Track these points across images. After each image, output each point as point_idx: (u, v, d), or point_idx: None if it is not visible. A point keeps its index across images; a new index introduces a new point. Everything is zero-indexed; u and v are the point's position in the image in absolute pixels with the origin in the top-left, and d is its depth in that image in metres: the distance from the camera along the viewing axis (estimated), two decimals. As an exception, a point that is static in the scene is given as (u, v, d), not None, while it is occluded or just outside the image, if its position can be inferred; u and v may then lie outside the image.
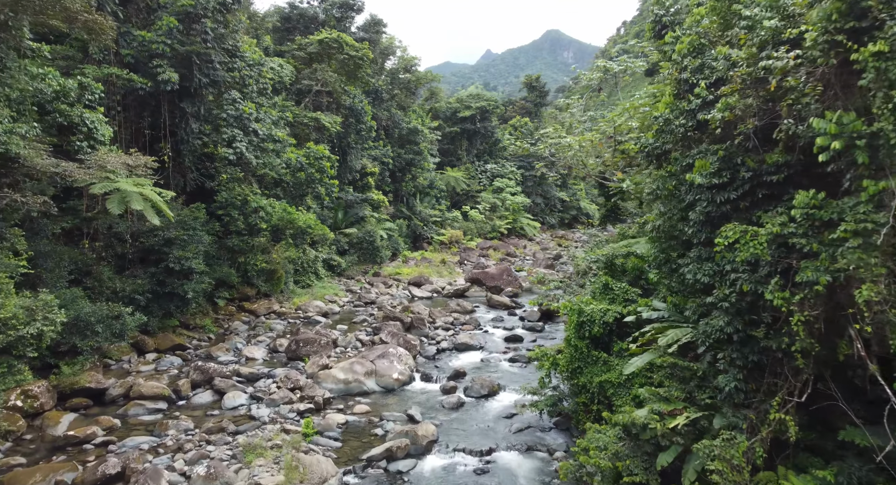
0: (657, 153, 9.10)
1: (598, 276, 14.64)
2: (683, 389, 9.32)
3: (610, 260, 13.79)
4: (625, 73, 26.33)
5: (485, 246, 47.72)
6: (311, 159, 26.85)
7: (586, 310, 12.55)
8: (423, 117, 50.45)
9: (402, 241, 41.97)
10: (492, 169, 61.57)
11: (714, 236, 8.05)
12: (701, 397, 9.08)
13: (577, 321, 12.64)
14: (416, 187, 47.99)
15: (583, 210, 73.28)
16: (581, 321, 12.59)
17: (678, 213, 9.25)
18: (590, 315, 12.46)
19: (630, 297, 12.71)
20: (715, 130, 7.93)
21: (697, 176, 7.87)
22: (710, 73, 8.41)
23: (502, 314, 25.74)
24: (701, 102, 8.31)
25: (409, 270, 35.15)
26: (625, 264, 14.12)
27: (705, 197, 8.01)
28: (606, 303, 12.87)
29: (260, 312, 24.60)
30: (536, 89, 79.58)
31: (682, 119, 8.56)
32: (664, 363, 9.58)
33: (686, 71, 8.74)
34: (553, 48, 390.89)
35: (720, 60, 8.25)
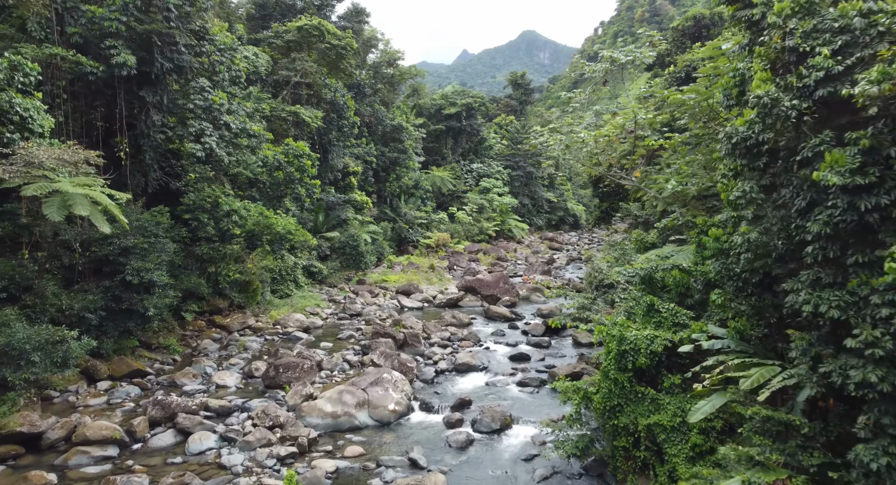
0: (753, 145, 7.01)
1: (632, 291, 12.61)
2: (782, 449, 7.28)
3: (649, 275, 11.73)
4: (632, 63, 24.43)
5: (473, 249, 45.63)
6: (291, 157, 24.43)
7: (629, 337, 10.47)
8: (407, 114, 48.15)
9: (387, 245, 39.63)
10: (478, 169, 59.53)
11: (846, 255, 6.03)
12: (808, 461, 7.05)
13: (617, 350, 10.55)
14: (400, 188, 45.69)
15: (570, 211, 71.75)
16: (622, 350, 10.49)
17: (778, 222, 7.19)
18: (633, 343, 10.38)
19: (680, 320, 10.66)
20: (863, 110, 5.87)
21: (831, 174, 5.82)
22: (832, 38, 6.37)
23: (502, 327, 23.61)
24: (823, 76, 6.25)
25: (396, 277, 32.85)
26: (664, 279, 12.09)
27: (840, 202, 5.95)
28: (652, 328, 10.81)
29: (233, 328, 22.10)
30: (521, 87, 77.87)
31: (794, 99, 6.50)
32: (754, 415, 7.52)
33: (794, 36, 6.69)
34: (529, 49, 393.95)
35: (853, 18, 6.21)
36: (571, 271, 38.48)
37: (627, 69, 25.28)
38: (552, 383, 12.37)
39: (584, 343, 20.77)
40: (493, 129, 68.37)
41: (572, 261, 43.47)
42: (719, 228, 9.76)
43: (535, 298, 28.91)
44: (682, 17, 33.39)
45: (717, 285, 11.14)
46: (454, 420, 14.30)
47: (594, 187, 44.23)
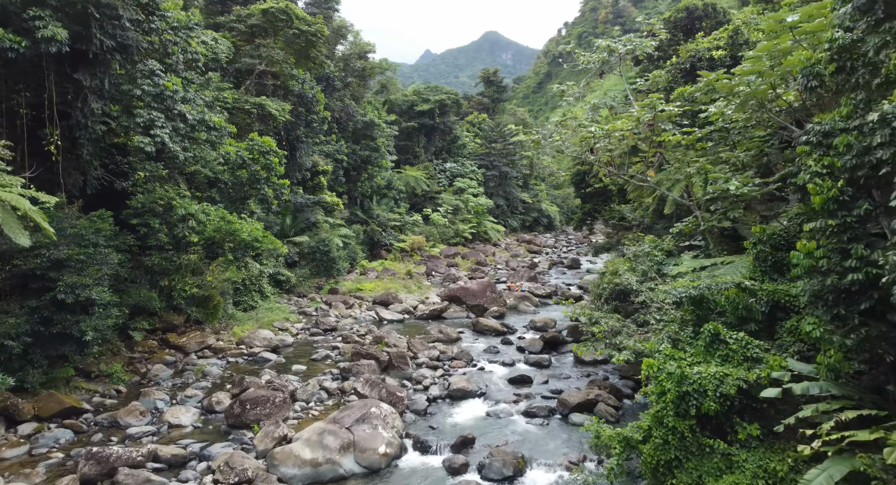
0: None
1: (671, 312, 10.65)
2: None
3: (702, 295, 9.74)
4: (633, 53, 22.66)
5: (449, 253, 43.47)
6: (256, 154, 21.80)
7: (691, 375, 8.45)
8: (379, 110, 45.67)
9: (360, 249, 37.12)
10: (451, 168, 57.40)
11: None
12: None
13: (676, 392, 8.52)
14: (372, 188, 43.20)
15: (544, 212, 70.36)
16: (683, 392, 8.47)
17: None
18: (698, 383, 8.37)
19: (752, 353, 8.69)
20: None
21: None
22: None
23: (494, 343, 21.48)
24: None
25: (372, 286, 30.41)
26: (715, 298, 10.13)
27: None
28: (717, 363, 8.82)
29: (190, 348, 19.38)
30: (494, 84, 76.25)
31: None
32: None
33: None
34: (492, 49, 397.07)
35: None
36: (556, 277, 36.70)
37: (625, 60, 23.51)
38: (583, 425, 10.26)
39: (587, 362, 18.81)
40: (465, 127, 66.41)
41: (554, 265, 41.75)
42: (811, 241, 7.83)
43: (524, 308, 26.92)
44: (674, 8, 31.99)
45: (789, 308, 9.22)
46: (457, 465, 12.09)
47: (576, 188, 42.59)
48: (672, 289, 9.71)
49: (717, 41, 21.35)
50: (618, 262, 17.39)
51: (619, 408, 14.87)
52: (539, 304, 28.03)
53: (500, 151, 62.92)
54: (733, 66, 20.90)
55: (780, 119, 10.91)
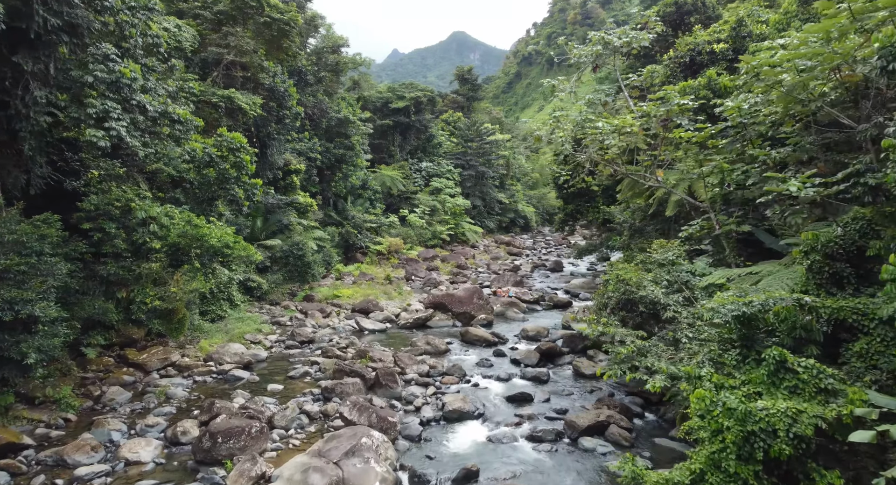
0: None
1: (706, 330, 9.38)
2: None
3: (754, 314, 8.46)
4: (629, 46, 21.53)
5: (428, 256, 41.95)
6: (225, 151, 19.93)
7: (756, 412, 7.16)
8: (353, 106, 43.88)
9: (335, 252, 35.31)
10: (427, 167, 55.87)
11: None
12: None
13: (740, 432, 7.22)
14: (347, 188, 41.41)
15: (520, 213, 69.36)
16: (748, 432, 7.18)
17: None
18: (766, 421, 7.09)
19: (827, 385, 7.45)
20: None
21: None
22: None
23: (486, 355, 20.06)
24: None
25: (350, 292, 28.69)
26: (765, 316, 8.88)
27: None
28: (783, 396, 7.54)
29: (151, 366, 17.45)
30: (469, 82, 75.04)
31: None
32: None
33: None
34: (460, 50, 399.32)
35: None
36: (540, 280, 35.53)
37: (618, 54, 22.38)
38: (615, 463, 8.90)
39: (587, 375, 17.56)
40: (440, 126, 65.00)
41: (536, 268, 40.61)
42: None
43: (512, 315, 25.59)
44: (662, 2, 31.17)
45: (857, 329, 8.02)
46: (463, 505, 10.65)
47: (558, 188, 41.54)
48: (720, 306, 8.41)
49: (718, 34, 20.39)
50: (624, 268, 16.15)
51: (631, 430, 13.62)
52: (527, 310, 26.76)
53: (477, 151, 61.69)
54: (736, 60, 19.95)
55: (836, 111, 9.76)
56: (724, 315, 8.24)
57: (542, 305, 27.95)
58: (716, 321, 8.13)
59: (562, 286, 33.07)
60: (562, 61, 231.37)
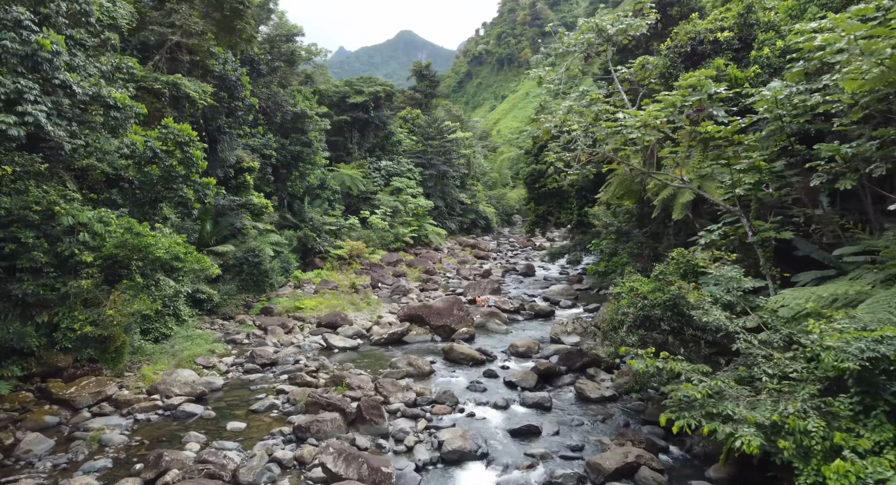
0: None
1: (817, 372, 7.58)
2: None
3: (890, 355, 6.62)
4: (624, 33, 19.92)
5: (392, 260, 39.56)
6: (171, 145, 17.11)
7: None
8: (310, 100, 41.03)
9: (294, 258, 32.49)
10: (387, 166, 53.39)
11: None
12: None
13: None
14: (304, 188, 38.55)
15: (481, 214, 67.75)
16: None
17: None
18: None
19: None
20: None
21: None
22: None
23: (475, 375, 17.98)
24: None
25: (313, 303, 26.05)
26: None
27: None
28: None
29: (81, 402, 14.54)
30: (427, 78, 72.87)
31: None
32: None
33: None
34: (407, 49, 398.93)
35: None
36: (514, 286, 33.74)
37: (611, 43, 20.74)
38: None
39: (593, 399, 15.76)
40: (398, 123, 62.60)
41: (507, 272, 38.85)
42: None
43: (494, 327, 23.63)
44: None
45: None
46: None
47: (529, 188, 39.99)
48: (843, 343, 6.60)
49: (721, 22, 19.00)
50: (639, 280, 14.40)
51: (662, 471, 11.83)
52: (508, 321, 24.86)
53: (438, 149, 59.63)
54: (742, 49, 18.55)
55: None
56: (855, 357, 6.44)
57: (524, 315, 26.13)
58: (844, 365, 6.35)
59: (538, 293, 31.38)
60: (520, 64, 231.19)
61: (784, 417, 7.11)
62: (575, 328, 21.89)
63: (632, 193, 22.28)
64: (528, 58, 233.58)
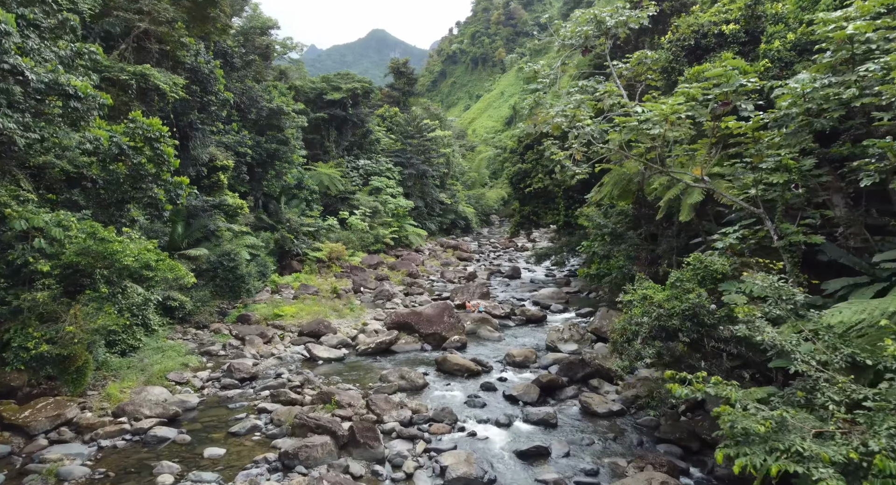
0: None
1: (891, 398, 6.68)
2: None
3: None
4: (625, 25, 19.02)
5: (372, 263, 38.23)
6: (140, 141, 15.64)
7: None
8: (286, 95, 39.49)
9: (271, 261, 30.99)
10: (365, 165, 51.95)
11: None
12: None
13: None
14: (281, 188, 37.00)
15: (461, 214, 66.67)
16: None
17: None
18: None
19: None
20: None
21: None
22: None
23: (472, 388, 16.87)
24: None
25: (293, 309, 24.64)
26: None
27: None
28: None
29: (37, 428, 13.02)
30: (405, 75, 71.59)
31: None
32: None
33: None
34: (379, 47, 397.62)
35: None
36: (501, 289, 32.73)
37: (611, 34, 19.82)
38: None
39: (600, 414, 14.80)
40: (376, 121, 61.18)
41: (493, 274, 37.84)
42: None
43: (486, 334, 22.57)
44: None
45: None
46: None
47: (514, 188, 39.01)
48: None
49: (725, 14, 18.25)
50: (652, 287, 13.50)
51: (689, 496, 10.93)
52: (500, 327, 23.84)
53: (417, 148, 58.40)
54: (749, 42, 17.82)
55: None
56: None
57: (515, 320, 25.13)
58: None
59: (527, 296, 30.44)
60: (495, 63, 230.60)
61: (865, 455, 6.17)
62: (572, 335, 20.97)
63: (628, 194, 21.40)
64: (503, 57, 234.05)
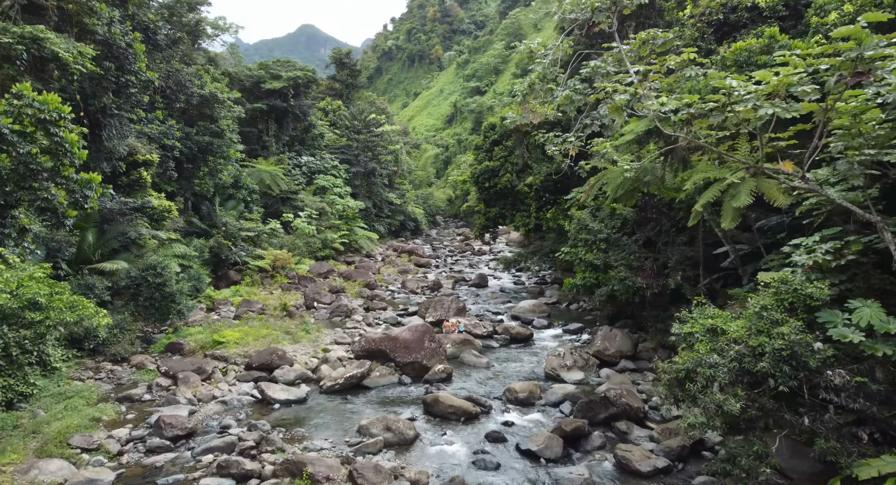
0: None
1: None
2: None
3: None
4: (632, 2, 16.32)
5: (322, 271, 34.25)
6: (30, 123, 11.47)
7: None
8: (220, 81, 34.91)
9: (205, 272, 26.64)
10: (309, 162, 47.61)
11: None
12: None
13: None
14: (215, 187, 32.48)
15: (410, 215, 63.23)
16: None
17: None
18: None
19: None
20: None
21: None
22: None
23: (475, 440, 13.62)
24: None
25: (237, 334, 20.55)
26: None
27: None
28: None
29: None
30: (347, 67, 67.31)
31: None
32: None
33: None
34: (309, 43, 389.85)
35: None
36: (473, 302, 29.60)
37: (622, 6, 17.10)
38: None
39: (644, 473, 11.89)
40: (318, 114, 56.79)
41: (457, 282, 34.71)
42: None
43: (471, 359, 19.41)
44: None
45: None
46: None
47: (480, 188, 36.03)
48: None
49: (758, -14, 15.88)
50: (719, 315, 10.78)
51: None
52: (483, 348, 20.77)
53: (365, 144, 54.49)
54: (790, 17, 15.45)
55: None
56: None
57: (498, 340, 22.10)
58: None
59: (502, 309, 27.52)
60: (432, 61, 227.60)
61: None
62: (575, 361, 18.15)
63: (632, 195, 18.77)
64: (440, 55, 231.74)
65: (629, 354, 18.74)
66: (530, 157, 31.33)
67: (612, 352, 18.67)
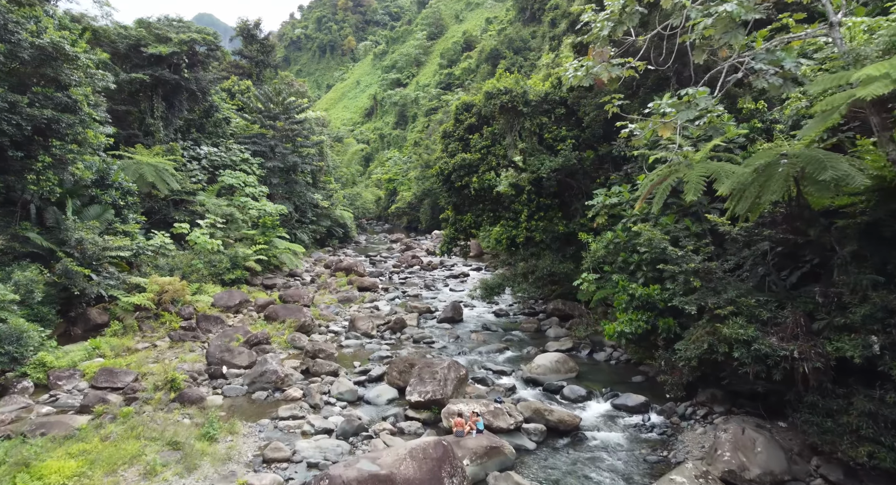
0: None
1: None
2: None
3: None
4: None
5: (232, 303, 24.79)
6: None
7: None
8: (71, 30, 24.66)
9: (50, 314, 16.81)
10: (211, 154, 37.41)
11: None
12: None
13: None
14: (65, 185, 22.34)
15: (338, 220, 53.83)
16: None
17: None
18: None
19: None
20: None
21: None
22: None
23: None
24: None
25: (72, 466, 11.17)
26: None
27: None
28: None
29: None
30: (258, 40, 56.90)
31: None
32: None
33: None
34: None
35: None
36: (454, 348, 21.28)
37: None
38: None
39: None
40: (222, 96, 46.41)
41: (421, 315, 26.31)
42: None
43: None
44: None
45: None
46: None
47: (449, 190, 27.74)
48: None
49: None
50: None
51: None
52: (518, 454, 12.71)
53: (284, 133, 44.76)
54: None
55: None
56: None
57: (533, 436, 13.98)
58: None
59: (504, 364, 19.53)
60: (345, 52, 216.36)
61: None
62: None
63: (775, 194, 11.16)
64: (353, 46, 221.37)
65: (785, 480, 11.17)
66: (526, 147, 23.55)
67: (756, 474, 11.05)
